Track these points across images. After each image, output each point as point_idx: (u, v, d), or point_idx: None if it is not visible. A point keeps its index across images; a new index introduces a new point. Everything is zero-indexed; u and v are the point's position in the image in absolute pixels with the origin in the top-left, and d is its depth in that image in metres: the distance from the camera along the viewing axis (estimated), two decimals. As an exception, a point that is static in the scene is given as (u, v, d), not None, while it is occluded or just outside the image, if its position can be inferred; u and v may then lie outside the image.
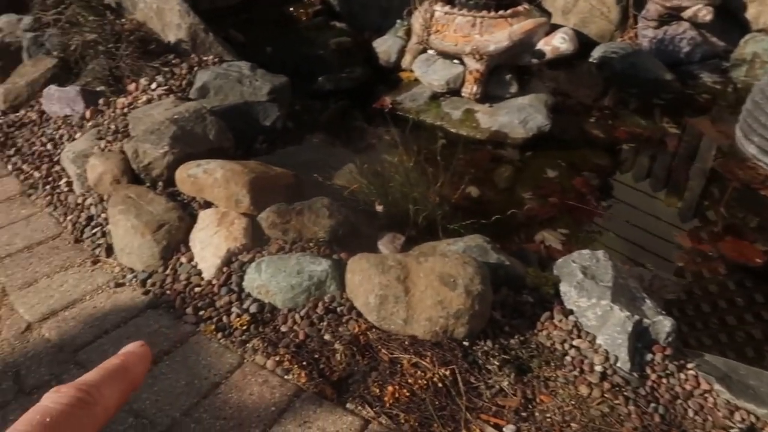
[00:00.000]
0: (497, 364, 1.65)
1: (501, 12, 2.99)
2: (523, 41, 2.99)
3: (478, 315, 1.70)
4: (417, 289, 1.70)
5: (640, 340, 1.73)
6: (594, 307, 1.76)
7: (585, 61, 4.02)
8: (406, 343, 1.67)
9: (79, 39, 2.86)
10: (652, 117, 3.52)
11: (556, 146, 3.13)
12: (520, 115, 3.11)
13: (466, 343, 1.70)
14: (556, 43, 2.94)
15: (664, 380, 1.65)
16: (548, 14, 4.22)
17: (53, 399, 0.30)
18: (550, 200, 2.73)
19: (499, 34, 2.99)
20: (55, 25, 3.03)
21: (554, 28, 3.26)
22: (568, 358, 1.68)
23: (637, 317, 1.71)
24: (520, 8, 3.02)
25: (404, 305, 1.69)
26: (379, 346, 1.67)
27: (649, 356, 1.70)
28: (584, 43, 3.80)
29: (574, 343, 1.74)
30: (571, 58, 3.35)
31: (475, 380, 1.60)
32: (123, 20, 3.05)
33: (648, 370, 1.67)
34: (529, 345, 1.74)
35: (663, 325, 1.72)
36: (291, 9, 3.73)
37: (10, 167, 2.53)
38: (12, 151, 2.62)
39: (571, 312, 1.82)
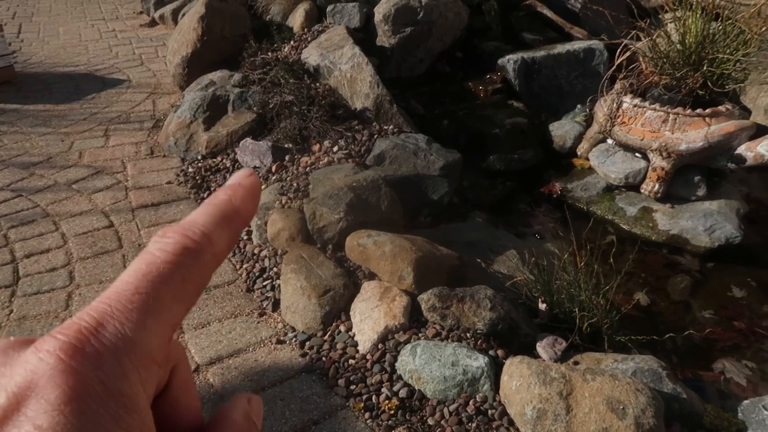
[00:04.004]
0: None
1: (699, 110, 2.78)
2: (721, 144, 2.75)
3: (646, 453, 1.52)
4: (580, 410, 1.57)
5: None
6: (794, 475, 1.50)
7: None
8: (561, 468, 1.54)
9: (278, 99, 3.14)
10: None
11: (746, 261, 2.80)
12: (706, 222, 2.84)
13: (629, 483, 1.52)
14: (762, 150, 2.66)
15: None
16: (748, 112, 3.87)
17: (160, 246, 0.27)
18: (735, 324, 2.42)
19: (693, 133, 2.78)
20: (259, 84, 3.36)
21: (760, 131, 2.96)
22: None
23: None
24: (721, 108, 2.78)
25: (564, 425, 1.56)
26: (530, 465, 1.55)
27: None
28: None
29: None
30: (773, 166, 3.02)
31: None
32: (317, 85, 3.30)
33: None
34: (704, 500, 1.52)
35: None
36: (470, 84, 3.80)
37: (202, 208, 2.79)
38: (206, 194, 2.90)
39: (761, 471, 1.57)
